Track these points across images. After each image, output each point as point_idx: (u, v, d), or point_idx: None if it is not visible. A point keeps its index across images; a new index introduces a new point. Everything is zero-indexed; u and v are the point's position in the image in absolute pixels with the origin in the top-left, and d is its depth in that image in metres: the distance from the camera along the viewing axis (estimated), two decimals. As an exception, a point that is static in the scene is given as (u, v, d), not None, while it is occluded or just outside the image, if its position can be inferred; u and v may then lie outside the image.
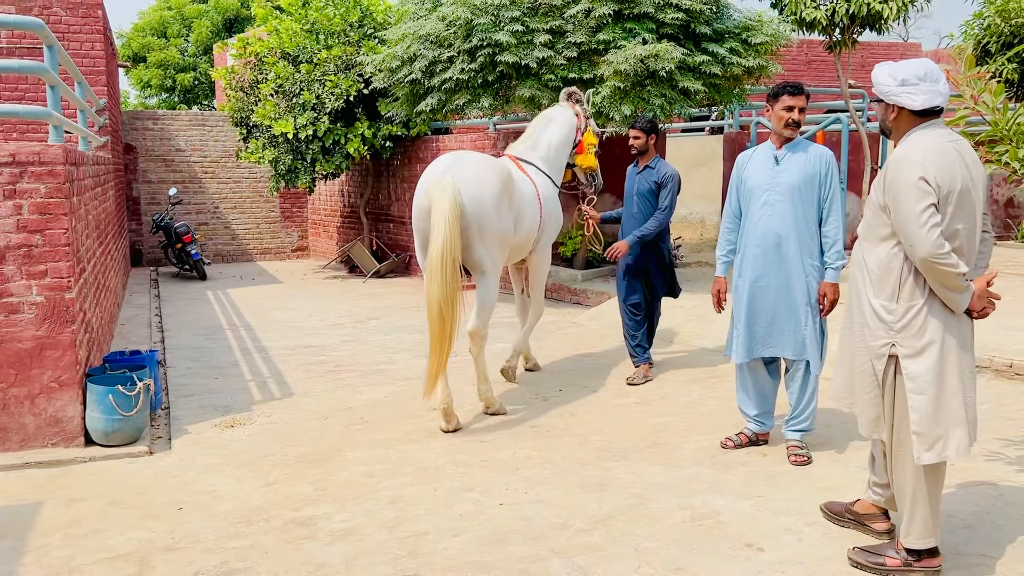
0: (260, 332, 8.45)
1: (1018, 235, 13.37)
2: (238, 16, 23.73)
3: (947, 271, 3.00)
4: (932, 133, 3.10)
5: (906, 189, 3.01)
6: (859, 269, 3.32)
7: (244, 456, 4.80)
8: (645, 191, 6.03)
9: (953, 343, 3.11)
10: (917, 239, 2.99)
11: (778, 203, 4.44)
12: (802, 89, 4.43)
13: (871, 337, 3.24)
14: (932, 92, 3.08)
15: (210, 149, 14.81)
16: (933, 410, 3.10)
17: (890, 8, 9.99)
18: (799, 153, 4.45)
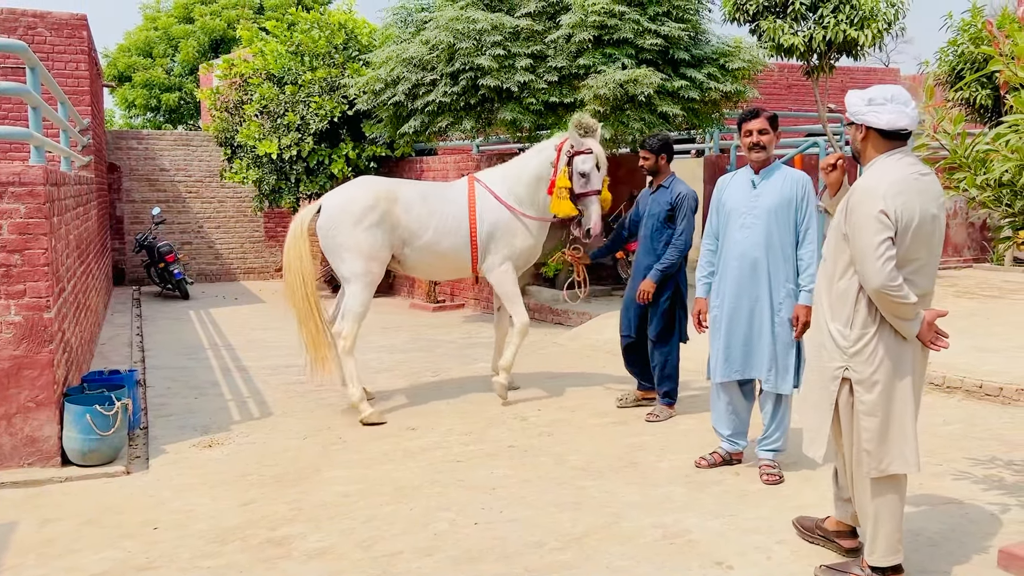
0: (241, 352, 8.46)
1: (993, 257, 13.57)
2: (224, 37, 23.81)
3: (898, 302, 3.08)
4: (900, 163, 3.16)
5: (866, 220, 3.07)
6: (821, 291, 3.40)
7: (221, 476, 4.82)
8: (657, 212, 5.72)
9: (903, 369, 3.20)
10: (872, 271, 3.06)
11: (755, 226, 4.52)
12: (758, 112, 4.54)
13: (827, 358, 3.32)
14: (898, 112, 3.14)
15: (194, 169, 14.83)
16: (882, 431, 3.20)
17: (865, 35, 10.20)
18: (776, 177, 4.55)
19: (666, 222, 5.71)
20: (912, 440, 3.24)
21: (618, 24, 8.19)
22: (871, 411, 3.20)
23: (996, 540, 3.73)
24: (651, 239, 5.78)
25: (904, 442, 3.22)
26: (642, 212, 5.88)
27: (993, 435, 5.33)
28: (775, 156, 4.76)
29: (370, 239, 5.96)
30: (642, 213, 5.88)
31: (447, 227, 6.16)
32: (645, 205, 5.87)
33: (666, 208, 5.69)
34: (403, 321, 10.09)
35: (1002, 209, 3.45)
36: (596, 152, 5.91)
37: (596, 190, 5.93)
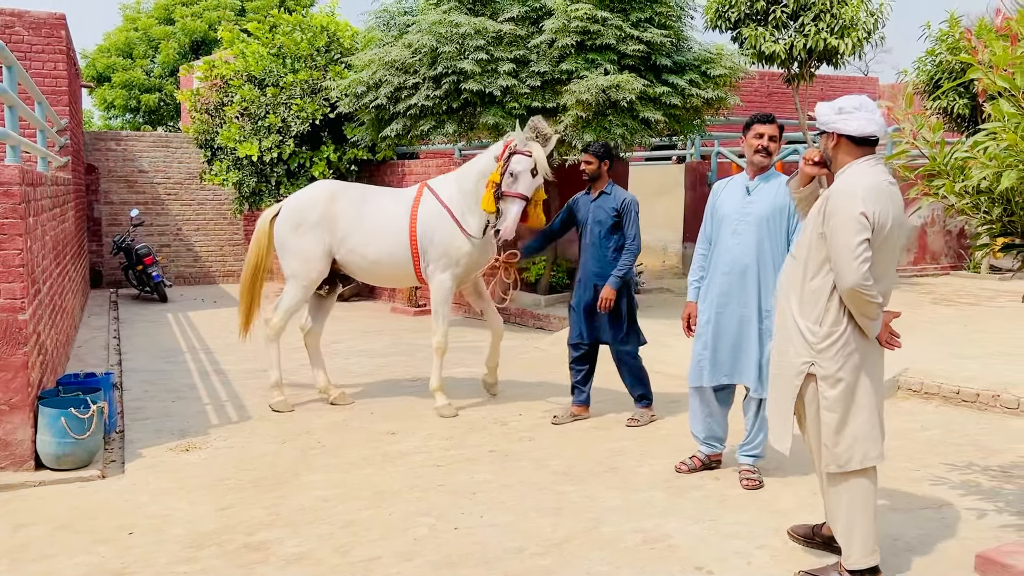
0: (220, 355, 8.39)
1: (970, 265, 13.72)
2: (205, 39, 23.64)
3: (869, 301, 3.20)
4: (871, 171, 3.26)
5: (845, 222, 3.16)
6: (789, 289, 3.46)
7: (198, 480, 4.76)
8: (603, 219, 5.70)
9: (866, 367, 3.33)
10: (849, 270, 3.16)
11: (747, 232, 4.52)
12: (772, 118, 4.54)
13: (794, 355, 3.40)
14: (867, 120, 3.25)
15: (174, 171, 14.71)
16: (840, 426, 3.31)
17: (846, 44, 10.31)
18: (770, 184, 4.55)
19: (612, 228, 5.67)
20: (874, 438, 3.34)
21: (601, 30, 8.21)
22: (832, 407, 3.31)
23: (973, 545, 3.75)
24: (599, 246, 5.70)
25: (865, 439, 3.32)
26: (584, 219, 5.79)
27: (970, 440, 5.38)
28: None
29: (307, 241, 6.23)
30: (584, 220, 5.79)
31: (378, 231, 6.19)
32: (586, 212, 5.77)
33: (612, 215, 5.66)
34: (384, 325, 10.05)
35: (980, 216, 3.48)
36: (535, 156, 5.77)
37: (521, 194, 5.76)
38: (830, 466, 3.35)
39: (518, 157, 5.79)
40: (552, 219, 6.15)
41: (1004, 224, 3.46)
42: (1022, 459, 5.00)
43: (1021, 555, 3.49)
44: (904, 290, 11.07)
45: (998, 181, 3.19)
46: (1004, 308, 10.00)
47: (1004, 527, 4.00)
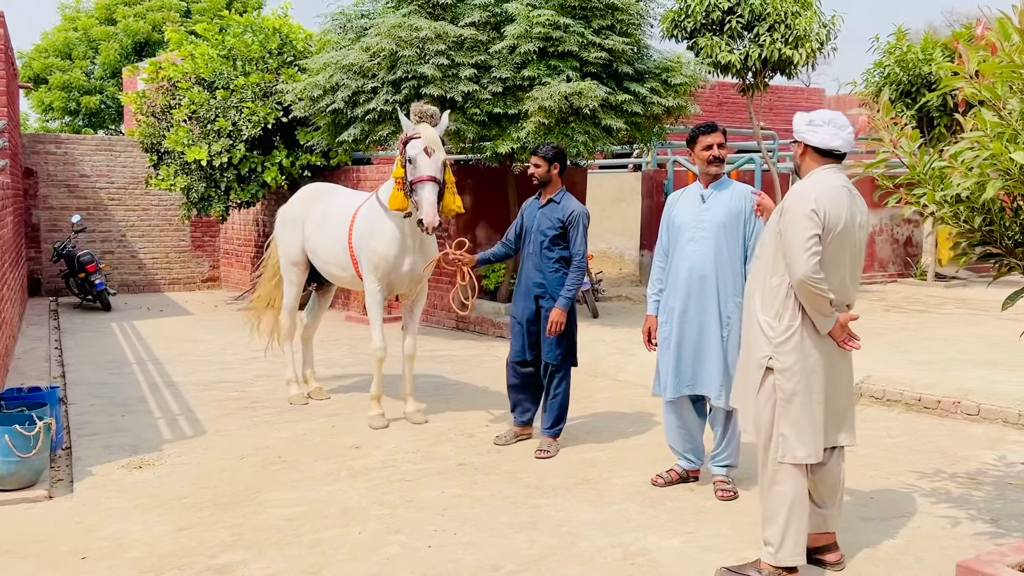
0: (169, 366, 8.09)
1: (916, 273, 14.03)
2: (148, 40, 23.01)
3: (818, 295, 3.36)
4: (831, 176, 3.47)
5: (798, 218, 3.36)
6: (754, 287, 3.60)
7: (154, 499, 4.53)
8: (547, 229, 5.27)
9: (825, 363, 3.46)
10: (799, 262, 3.35)
11: (704, 240, 4.49)
12: (716, 126, 4.54)
13: (755, 349, 3.54)
14: (832, 134, 3.48)
15: (117, 175, 14.23)
16: (796, 418, 3.42)
17: (800, 54, 10.44)
18: (724, 192, 4.53)
19: (555, 240, 5.26)
20: (822, 432, 3.48)
21: (563, 36, 8.16)
22: (789, 399, 3.44)
23: (952, 553, 3.75)
24: (540, 256, 5.31)
25: (814, 432, 3.46)
26: (528, 226, 5.39)
27: (935, 447, 5.42)
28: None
29: (287, 238, 6.64)
30: (528, 227, 5.39)
31: (328, 233, 6.31)
32: (532, 219, 5.38)
33: (557, 225, 5.24)
34: (339, 334, 9.83)
35: (960, 225, 3.48)
36: (424, 136, 5.45)
37: (426, 176, 5.39)
38: (784, 456, 3.45)
39: (411, 142, 5.50)
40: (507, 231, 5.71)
41: (983, 233, 3.47)
42: (987, 465, 5.06)
43: (1000, 564, 3.49)
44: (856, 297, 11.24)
45: (980, 190, 3.19)
46: (952, 314, 10.22)
47: (979, 535, 4.02)
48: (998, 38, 3.20)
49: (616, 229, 14.02)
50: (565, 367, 5.38)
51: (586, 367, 7.87)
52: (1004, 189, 3.19)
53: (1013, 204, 3.41)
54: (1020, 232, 3.44)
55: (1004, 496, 4.54)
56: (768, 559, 3.48)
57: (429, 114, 5.63)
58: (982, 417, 5.94)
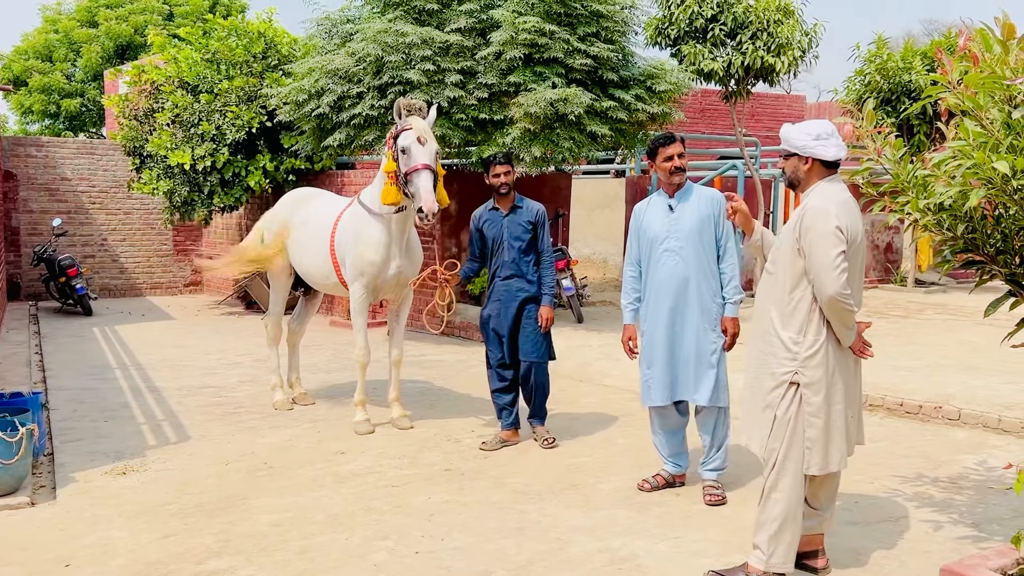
0: (152, 372, 8.03)
1: (896, 279, 14.17)
2: (131, 43, 22.83)
3: (847, 310, 3.37)
4: (837, 188, 3.48)
5: (824, 236, 3.33)
6: (768, 303, 3.57)
7: (138, 506, 4.50)
8: (520, 234, 5.47)
9: (844, 374, 3.50)
10: (829, 280, 3.32)
11: (679, 248, 4.54)
12: (674, 137, 4.59)
13: (776, 364, 3.51)
14: (839, 146, 3.50)
15: (99, 179, 14.11)
16: (824, 430, 3.45)
17: (782, 62, 10.54)
18: (691, 198, 4.58)
19: (530, 242, 5.49)
20: (847, 440, 3.55)
21: (548, 43, 8.19)
22: (816, 412, 3.44)
23: (936, 558, 3.79)
24: (520, 262, 5.49)
25: (840, 442, 3.51)
26: (497, 235, 5.51)
27: (918, 452, 5.48)
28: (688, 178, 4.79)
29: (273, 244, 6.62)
30: (498, 236, 5.51)
31: (310, 239, 6.29)
32: (500, 228, 5.50)
33: (529, 228, 5.48)
34: (324, 339, 9.80)
35: (943, 233, 3.53)
36: (416, 127, 5.45)
37: (422, 164, 5.37)
38: (813, 468, 3.47)
39: (402, 134, 5.48)
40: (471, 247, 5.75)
41: (966, 241, 3.52)
42: (968, 469, 5.12)
43: (983, 567, 3.53)
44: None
45: (964, 199, 3.24)
46: (932, 320, 10.34)
47: (961, 539, 4.07)
48: (980, 49, 3.26)
49: (600, 234, 14.08)
50: (545, 361, 5.61)
51: (572, 372, 7.91)
52: (987, 198, 3.24)
53: (995, 212, 3.46)
54: (1002, 240, 3.49)
55: (985, 500, 4.60)
56: (757, 564, 3.50)
57: (417, 107, 5.64)
58: (963, 422, 6.01)
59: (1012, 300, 3.66)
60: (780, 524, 3.46)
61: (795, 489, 3.47)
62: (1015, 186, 3.16)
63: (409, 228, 5.88)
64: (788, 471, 3.47)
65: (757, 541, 3.52)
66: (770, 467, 3.52)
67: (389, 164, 5.57)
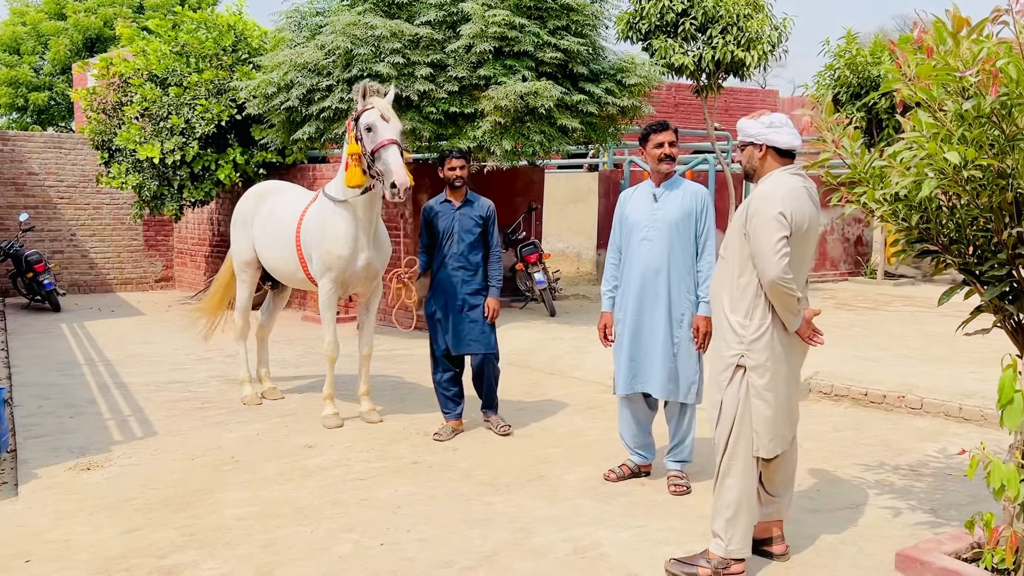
0: (120, 367, 7.96)
1: (866, 271, 14.34)
2: (100, 36, 22.55)
3: (789, 294, 3.45)
4: (791, 177, 3.56)
5: (766, 221, 3.43)
6: (720, 287, 3.65)
7: (102, 501, 4.47)
8: (471, 227, 5.59)
9: (789, 359, 3.57)
10: (770, 264, 3.41)
11: (656, 239, 4.55)
12: (667, 125, 4.61)
13: (724, 347, 3.60)
14: (793, 134, 3.60)
15: (67, 173, 13.93)
16: (771, 413, 3.52)
17: (752, 56, 10.61)
18: (676, 190, 4.60)
19: (479, 236, 5.62)
20: (791, 423, 3.63)
21: (518, 36, 8.19)
22: (762, 395, 3.52)
23: (893, 544, 3.85)
24: (468, 256, 5.58)
25: (785, 424, 3.58)
26: (447, 228, 5.59)
27: (880, 440, 5.56)
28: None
29: (239, 238, 6.64)
30: (447, 229, 5.59)
31: (275, 233, 6.25)
32: (451, 221, 5.59)
33: (479, 223, 5.60)
34: (295, 334, 9.75)
35: (898, 223, 3.58)
36: (377, 106, 5.42)
37: (388, 139, 5.31)
38: (760, 451, 3.53)
39: (364, 114, 5.44)
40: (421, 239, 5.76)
41: (920, 231, 3.57)
42: (929, 457, 5.21)
43: (937, 552, 3.61)
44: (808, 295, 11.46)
45: (917, 189, 3.29)
46: (900, 312, 10.47)
47: (919, 524, 4.14)
48: (934, 41, 3.30)
49: (573, 229, 14.11)
50: (494, 353, 5.68)
51: (543, 365, 7.94)
52: (940, 188, 3.30)
53: (949, 203, 3.52)
54: (955, 230, 3.55)
55: (944, 487, 4.68)
56: (717, 550, 3.55)
57: (375, 89, 5.62)
58: (925, 411, 6.11)
59: (966, 289, 3.73)
60: (735, 510, 3.51)
61: (747, 474, 3.53)
62: (966, 176, 3.21)
63: (376, 217, 5.84)
64: (739, 456, 3.53)
65: (715, 528, 3.57)
66: (721, 452, 3.59)
67: (352, 147, 5.53)
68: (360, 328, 6.24)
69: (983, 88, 3.10)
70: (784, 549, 3.77)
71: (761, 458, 3.59)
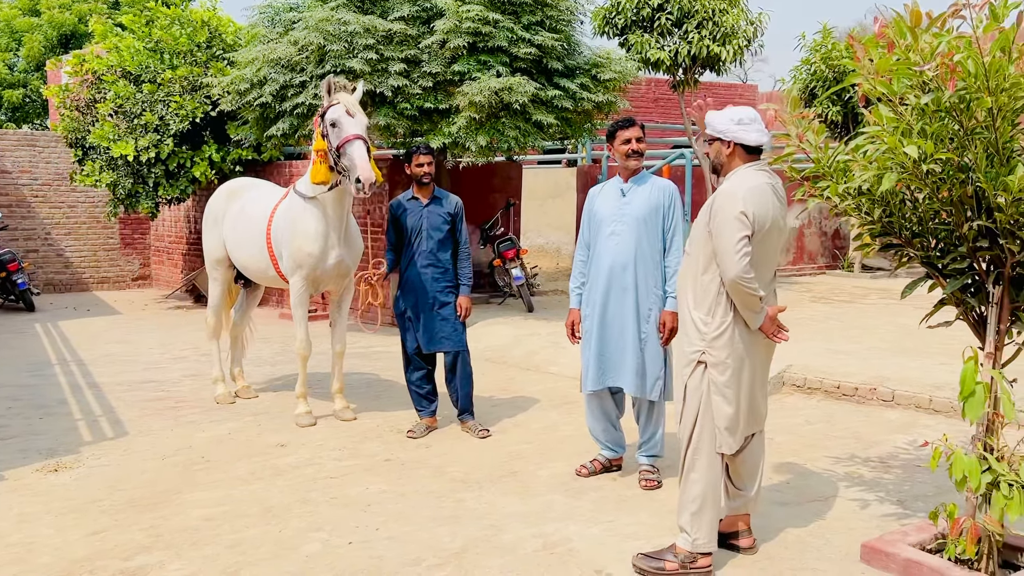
0: (93, 367, 7.88)
1: (844, 265, 14.43)
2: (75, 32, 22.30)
3: (750, 294, 3.44)
4: (755, 174, 3.54)
5: (728, 220, 3.42)
6: (685, 284, 3.65)
7: (69, 503, 4.42)
8: (439, 224, 5.57)
9: (752, 356, 3.56)
10: (730, 263, 3.41)
11: (623, 233, 4.55)
12: (633, 121, 4.61)
13: (687, 343, 3.61)
14: (761, 131, 3.56)
15: (41, 171, 13.78)
16: (732, 411, 3.52)
17: (727, 51, 10.64)
18: (644, 186, 4.60)
19: (448, 233, 5.60)
20: (754, 419, 3.63)
21: (492, 32, 8.17)
22: (722, 391, 3.52)
23: (859, 535, 3.88)
24: (437, 253, 5.56)
25: (748, 421, 3.59)
26: (415, 226, 5.56)
27: (851, 433, 5.60)
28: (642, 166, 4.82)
29: (210, 237, 6.59)
30: (415, 227, 5.56)
31: (246, 231, 6.21)
32: (419, 218, 5.56)
33: (448, 220, 5.58)
34: (272, 332, 9.70)
35: (862, 217, 3.60)
36: (343, 101, 5.40)
37: (353, 135, 5.28)
38: (723, 447, 3.54)
39: (330, 109, 5.41)
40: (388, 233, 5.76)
41: (883, 225, 3.59)
42: (898, 449, 5.25)
43: (902, 543, 3.63)
44: (784, 289, 11.53)
45: (879, 183, 3.30)
46: (875, 305, 10.55)
47: (886, 516, 4.17)
48: (895, 36, 3.32)
49: (553, 224, 14.12)
50: (467, 349, 5.67)
51: (519, 361, 7.94)
52: (900, 182, 3.31)
53: (912, 196, 3.53)
54: (918, 223, 3.57)
55: (912, 478, 4.72)
56: (684, 545, 3.56)
57: (342, 85, 5.58)
58: (896, 403, 6.15)
59: (930, 282, 3.76)
60: (700, 504, 3.52)
61: (711, 468, 3.54)
62: (925, 170, 3.23)
63: (347, 213, 5.81)
64: (702, 451, 3.54)
65: (681, 523, 3.58)
66: (685, 447, 3.60)
67: (318, 143, 5.51)
68: (332, 326, 6.20)
69: (942, 82, 3.11)
70: (751, 542, 3.78)
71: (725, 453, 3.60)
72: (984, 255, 3.44)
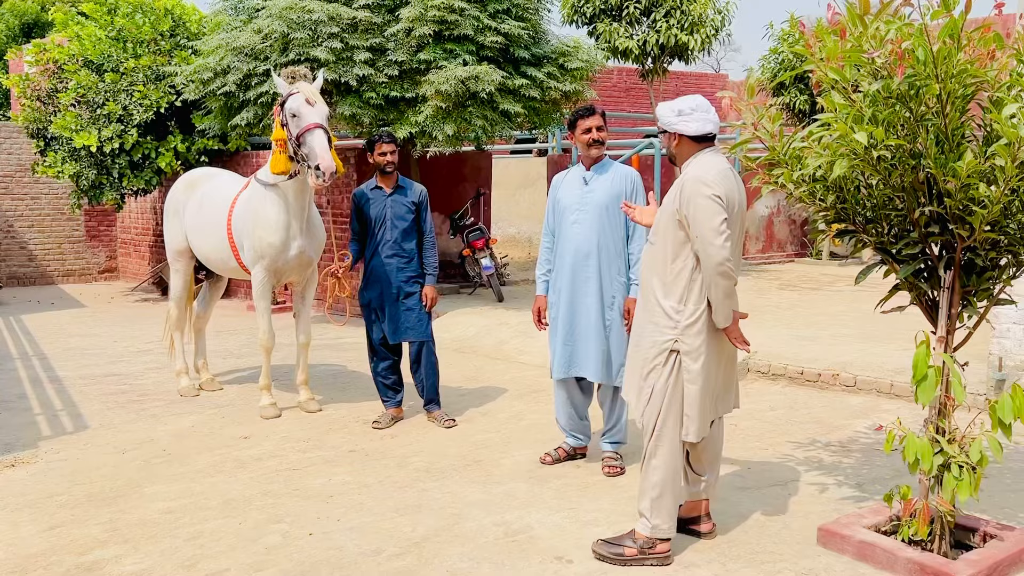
0: (55, 361, 7.77)
1: (812, 252, 14.56)
2: (38, 21, 21.88)
3: (732, 276, 3.42)
4: (715, 159, 3.54)
5: (704, 204, 3.39)
6: (651, 273, 3.62)
7: (24, 498, 4.36)
8: (403, 214, 5.52)
9: (723, 343, 3.58)
10: (714, 248, 3.37)
11: (586, 221, 4.56)
12: (594, 110, 4.60)
13: (657, 333, 3.57)
14: (704, 120, 3.54)
15: (2, 163, 13.53)
16: (700, 398, 3.52)
17: (695, 40, 10.68)
18: (606, 174, 4.61)
19: (412, 223, 5.56)
20: (722, 406, 3.70)
21: (458, 20, 8.13)
22: (695, 379, 3.50)
23: (816, 519, 3.92)
24: (401, 242, 5.52)
25: (714, 409, 3.62)
26: (379, 215, 5.52)
27: (813, 418, 5.66)
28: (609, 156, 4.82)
29: (170, 228, 6.54)
30: (379, 216, 5.52)
31: (206, 222, 6.15)
32: (383, 208, 5.52)
33: (412, 209, 5.55)
34: (238, 324, 9.62)
35: (816, 203, 3.62)
36: (303, 90, 5.30)
37: (313, 123, 5.21)
38: (690, 435, 3.54)
39: (290, 99, 5.32)
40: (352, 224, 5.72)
41: (838, 211, 3.62)
42: (859, 433, 5.31)
43: (857, 525, 3.68)
44: (753, 277, 11.62)
45: (832, 170, 3.33)
46: (842, 292, 10.65)
47: (843, 500, 4.22)
48: (847, 23, 3.34)
49: (523, 214, 14.12)
50: (431, 341, 5.65)
51: (488, 351, 7.94)
52: (852, 168, 3.34)
53: (865, 183, 3.57)
54: (871, 209, 3.61)
55: (871, 462, 4.78)
56: (643, 530, 3.58)
57: (302, 74, 5.51)
58: (858, 388, 6.23)
59: (884, 268, 3.80)
60: (660, 490, 3.54)
61: (673, 456, 3.55)
62: (876, 156, 3.26)
63: (308, 203, 5.75)
64: (665, 438, 3.55)
65: (641, 508, 3.60)
66: (648, 434, 3.60)
67: (278, 132, 5.44)
68: (296, 317, 6.16)
69: (891, 69, 3.14)
70: (711, 527, 3.82)
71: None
72: (936, 240, 3.48)
